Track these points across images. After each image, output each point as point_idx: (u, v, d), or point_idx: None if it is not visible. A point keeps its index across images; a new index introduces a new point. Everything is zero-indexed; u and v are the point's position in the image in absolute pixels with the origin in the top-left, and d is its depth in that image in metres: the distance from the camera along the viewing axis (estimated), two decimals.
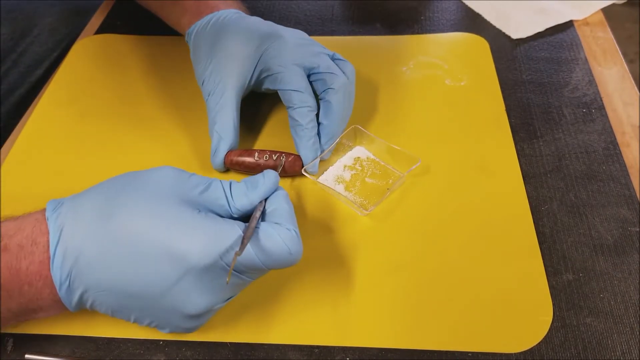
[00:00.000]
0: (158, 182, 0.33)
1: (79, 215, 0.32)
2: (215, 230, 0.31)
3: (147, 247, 0.30)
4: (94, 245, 0.31)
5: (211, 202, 0.33)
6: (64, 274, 0.31)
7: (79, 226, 0.31)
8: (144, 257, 0.30)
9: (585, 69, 0.54)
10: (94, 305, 0.33)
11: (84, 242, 0.31)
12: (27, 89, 0.61)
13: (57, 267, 0.31)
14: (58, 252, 0.31)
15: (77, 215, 0.32)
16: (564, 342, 0.36)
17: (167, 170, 0.34)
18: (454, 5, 0.63)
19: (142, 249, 0.30)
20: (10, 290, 0.32)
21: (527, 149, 0.47)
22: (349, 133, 0.46)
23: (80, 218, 0.32)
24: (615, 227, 0.42)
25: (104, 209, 0.32)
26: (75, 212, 0.32)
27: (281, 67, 0.45)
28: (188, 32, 0.50)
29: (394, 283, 0.39)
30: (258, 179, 0.35)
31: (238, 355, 0.36)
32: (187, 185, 0.33)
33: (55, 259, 0.31)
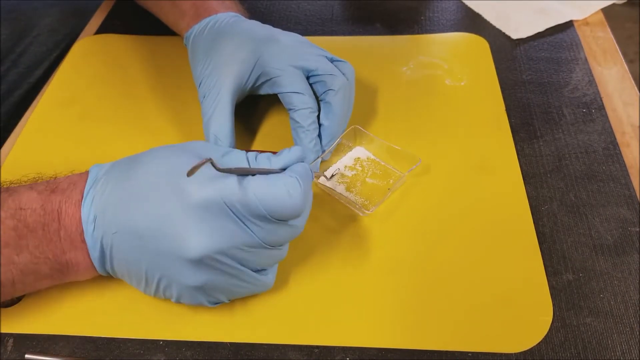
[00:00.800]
0: (185, 145, 0.36)
1: (113, 167, 0.36)
2: (216, 174, 0.32)
3: (152, 182, 0.33)
4: (116, 186, 0.34)
5: (233, 164, 0.34)
6: (91, 214, 0.34)
7: (110, 174, 0.35)
8: (149, 192, 0.33)
9: (585, 69, 0.54)
10: (113, 257, 0.34)
11: (109, 184, 0.34)
12: (26, 89, 0.61)
13: (86, 206, 0.34)
14: (89, 194, 0.34)
15: (112, 167, 0.36)
16: (564, 342, 0.36)
17: (197, 141, 0.37)
18: (454, 5, 0.63)
19: (149, 184, 0.33)
20: (51, 232, 0.34)
21: (527, 149, 0.47)
22: (349, 133, 0.46)
23: (112, 169, 0.35)
24: (615, 227, 0.42)
25: (132, 159, 0.35)
26: (111, 165, 0.36)
27: (280, 71, 0.45)
28: (186, 35, 0.50)
29: (394, 283, 0.39)
30: (284, 150, 0.36)
31: (238, 355, 0.36)
32: (211, 149, 0.35)
33: (86, 199, 0.34)
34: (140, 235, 0.33)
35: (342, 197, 0.44)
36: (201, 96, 0.45)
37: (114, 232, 0.33)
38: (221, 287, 0.35)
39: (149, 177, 0.33)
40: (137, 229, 0.33)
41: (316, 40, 0.49)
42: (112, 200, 0.33)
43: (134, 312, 0.38)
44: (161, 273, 0.34)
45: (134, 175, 0.34)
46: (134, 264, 0.34)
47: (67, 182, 0.35)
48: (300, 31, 0.50)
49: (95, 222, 0.34)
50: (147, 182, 0.33)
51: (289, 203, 0.32)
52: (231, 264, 0.33)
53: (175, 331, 0.37)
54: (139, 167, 0.34)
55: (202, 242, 0.32)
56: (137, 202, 0.33)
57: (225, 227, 0.32)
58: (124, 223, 0.33)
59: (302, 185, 0.33)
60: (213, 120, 0.44)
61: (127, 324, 0.38)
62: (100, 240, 0.34)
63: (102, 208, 0.33)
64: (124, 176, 0.34)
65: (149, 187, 0.33)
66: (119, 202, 0.33)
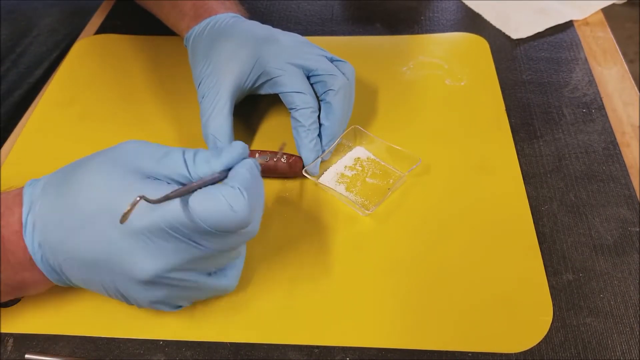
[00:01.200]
0: (116, 153, 0.33)
1: (47, 188, 0.34)
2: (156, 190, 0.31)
3: (90, 210, 0.32)
4: (53, 212, 0.33)
5: (170, 170, 0.32)
6: (35, 243, 0.33)
7: (46, 196, 0.33)
8: (89, 220, 0.31)
9: (585, 69, 0.54)
10: (68, 276, 0.34)
11: (47, 209, 0.33)
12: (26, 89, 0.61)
13: (28, 235, 0.33)
14: (29, 222, 0.33)
15: (46, 188, 0.34)
16: (564, 342, 0.36)
17: (129, 143, 0.34)
18: (454, 5, 0.63)
19: (87, 212, 0.32)
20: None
21: (527, 149, 0.47)
22: (349, 133, 0.46)
23: (46, 191, 0.34)
24: (615, 227, 0.42)
25: (65, 179, 0.34)
26: (45, 185, 0.34)
27: (280, 71, 0.45)
28: (186, 36, 0.50)
29: (394, 283, 0.39)
30: (224, 147, 0.34)
31: (238, 355, 0.36)
32: (146, 155, 0.33)
33: (26, 229, 0.33)
34: (88, 263, 0.32)
35: (342, 197, 0.44)
36: (200, 96, 0.45)
37: (63, 258, 0.33)
38: (178, 297, 0.34)
39: (85, 205, 0.32)
40: (84, 258, 0.32)
41: (316, 40, 0.49)
42: (53, 228, 0.32)
43: (134, 312, 0.38)
44: (118, 290, 0.33)
45: (69, 201, 0.32)
46: (90, 283, 0.34)
47: (4, 206, 0.34)
48: (300, 31, 0.50)
49: (42, 248, 0.33)
50: (84, 210, 0.32)
51: (233, 218, 0.30)
52: (184, 277, 0.32)
53: (175, 331, 0.37)
54: (73, 191, 0.32)
55: (149, 265, 0.31)
56: (78, 230, 0.32)
57: (171, 246, 0.31)
58: (70, 251, 0.32)
59: (246, 196, 0.31)
60: (212, 121, 0.44)
61: (127, 324, 0.38)
62: (53, 264, 0.33)
63: (44, 236, 0.33)
64: (60, 200, 0.33)
65: (87, 215, 0.31)
66: (59, 230, 0.32)
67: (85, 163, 0.34)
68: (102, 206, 0.31)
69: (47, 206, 0.33)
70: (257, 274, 0.40)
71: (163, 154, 0.33)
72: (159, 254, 0.31)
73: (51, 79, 0.57)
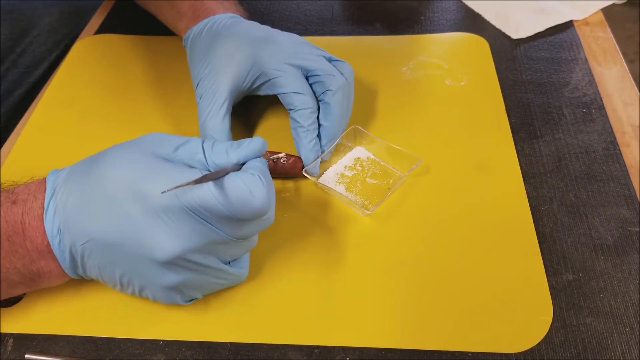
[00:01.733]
0: (139, 141, 0.35)
1: (69, 175, 0.35)
2: (175, 172, 0.32)
3: (113, 190, 0.32)
4: (76, 196, 0.33)
5: (188, 157, 0.34)
6: (55, 227, 0.33)
7: (69, 183, 0.34)
8: (112, 200, 0.32)
9: (585, 69, 0.54)
10: (84, 262, 0.34)
11: (70, 195, 0.33)
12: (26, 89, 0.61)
13: (49, 220, 0.33)
14: (50, 206, 0.34)
15: (68, 175, 0.35)
16: (564, 342, 0.36)
17: (150, 134, 0.36)
18: (454, 5, 0.63)
19: (110, 193, 0.32)
20: (16, 244, 0.33)
21: (527, 149, 0.47)
22: (349, 133, 0.46)
23: (69, 178, 0.34)
24: (615, 227, 0.42)
25: (88, 166, 0.34)
26: (67, 173, 0.35)
27: (279, 71, 0.45)
28: (185, 37, 0.50)
29: (394, 283, 0.39)
30: (244, 141, 0.35)
31: (238, 355, 0.36)
32: (166, 142, 0.34)
33: (47, 213, 0.34)
34: (108, 244, 0.32)
35: (342, 197, 0.44)
36: (198, 97, 0.45)
37: (82, 243, 0.33)
38: (195, 284, 0.35)
39: (109, 185, 0.32)
40: (104, 238, 0.32)
41: (316, 40, 0.49)
42: (75, 211, 0.33)
43: (134, 312, 0.38)
44: (135, 276, 0.34)
45: (93, 184, 0.33)
46: (106, 270, 0.34)
47: (26, 192, 0.35)
48: (300, 31, 0.50)
49: (61, 234, 0.33)
50: (107, 190, 0.32)
51: (252, 203, 0.32)
52: (202, 262, 0.33)
53: (175, 331, 0.37)
54: (97, 175, 0.33)
55: (170, 245, 0.32)
56: (101, 212, 0.32)
57: (191, 228, 0.32)
58: (90, 233, 0.33)
59: (265, 183, 0.32)
60: (209, 121, 0.44)
61: (127, 324, 0.38)
62: (69, 250, 0.34)
63: (65, 219, 0.33)
64: (84, 185, 0.33)
65: (111, 195, 0.32)
66: (82, 213, 0.33)
67: (108, 151, 0.35)
68: (126, 187, 0.32)
69: (70, 190, 0.34)
70: (257, 274, 0.40)
71: (183, 141, 0.34)
72: (180, 235, 0.32)
73: (51, 78, 0.57)
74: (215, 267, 0.34)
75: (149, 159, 0.33)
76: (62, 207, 0.33)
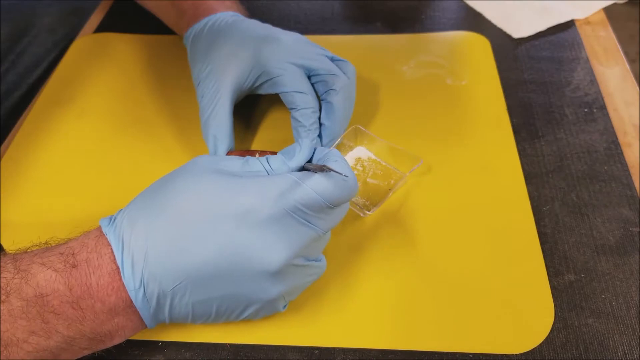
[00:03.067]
0: (194, 165, 0.33)
1: (133, 220, 0.32)
2: (267, 180, 0.32)
3: (203, 216, 0.31)
4: (157, 238, 0.31)
5: (252, 174, 0.33)
6: (137, 280, 0.31)
7: (137, 228, 0.31)
8: (205, 226, 0.31)
9: (587, 68, 0.54)
10: (173, 307, 0.32)
11: (147, 239, 0.31)
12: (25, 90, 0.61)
13: (128, 274, 0.31)
14: (125, 259, 0.31)
15: (132, 220, 0.32)
16: (565, 343, 0.36)
17: (199, 157, 0.34)
18: (455, 4, 0.63)
19: (200, 220, 0.31)
20: (84, 309, 0.31)
21: (528, 149, 0.47)
22: (350, 133, 0.46)
23: (134, 222, 0.32)
24: (617, 228, 0.41)
25: (153, 204, 0.32)
26: (130, 218, 0.32)
27: (281, 70, 0.44)
28: (185, 35, 0.50)
29: (394, 284, 0.39)
30: (294, 149, 0.35)
31: (237, 357, 0.36)
32: (224, 162, 0.34)
33: (124, 267, 0.31)
34: (208, 275, 0.31)
35: None
36: (199, 96, 0.45)
37: (173, 286, 0.31)
38: (296, 289, 0.34)
39: (192, 212, 0.31)
40: (205, 269, 0.31)
41: (316, 39, 0.49)
42: (160, 256, 0.31)
43: None
44: (237, 300, 0.32)
45: (171, 220, 0.31)
46: (200, 305, 0.32)
47: (86, 251, 0.32)
48: (300, 30, 0.50)
49: (144, 285, 0.31)
50: (193, 217, 0.31)
51: (346, 186, 0.32)
52: (303, 263, 0.33)
53: (174, 332, 0.37)
54: (173, 209, 0.31)
55: (279, 253, 0.31)
56: (196, 241, 0.30)
57: (294, 231, 0.31)
58: (187, 269, 0.31)
59: (346, 165, 0.33)
60: (211, 120, 0.44)
61: None
62: (156, 298, 0.31)
63: (149, 268, 0.31)
64: (159, 225, 0.31)
65: (200, 221, 0.31)
66: (169, 255, 0.31)
67: (171, 181, 0.33)
68: (218, 207, 0.31)
69: (143, 236, 0.31)
70: None
71: (243, 161, 0.34)
72: (286, 240, 0.31)
73: (50, 77, 0.56)
74: (309, 266, 0.34)
75: (225, 177, 0.32)
76: (142, 256, 0.31)
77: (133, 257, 0.31)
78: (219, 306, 0.33)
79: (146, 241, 0.31)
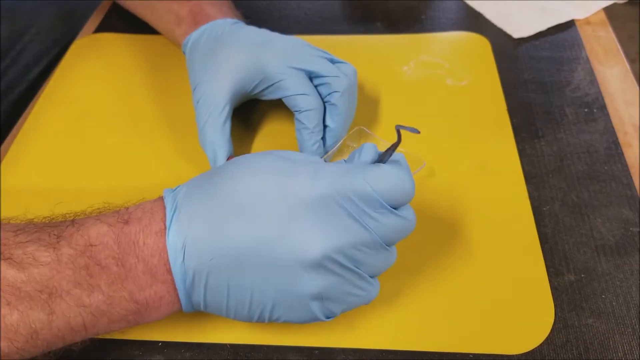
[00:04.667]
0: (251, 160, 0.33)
1: (192, 189, 0.33)
2: (319, 165, 0.31)
3: (252, 192, 0.31)
4: (205, 207, 0.31)
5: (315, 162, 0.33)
6: (179, 243, 0.30)
7: (192, 198, 0.32)
8: (251, 202, 0.30)
9: (587, 68, 0.54)
10: (209, 286, 0.31)
11: (196, 209, 0.31)
12: (25, 87, 0.61)
13: (172, 234, 0.31)
14: (174, 220, 0.31)
15: (189, 190, 0.33)
16: (565, 343, 0.36)
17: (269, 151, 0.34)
18: (455, 4, 0.63)
19: (249, 195, 0.31)
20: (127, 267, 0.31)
21: (528, 149, 0.47)
22: (354, 134, 0.46)
23: (192, 191, 0.32)
24: (617, 228, 0.41)
25: (213, 176, 0.33)
26: (188, 188, 0.33)
27: (282, 75, 0.44)
28: (184, 43, 0.49)
29: (395, 284, 0.39)
30: (356, 152, 0.34)
31: (237, 357, 0.36)
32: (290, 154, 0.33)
33: (171, 227, 0.31)
34: (246, 254, 0.30)
35: None
36: (195, 101, 0.45)
37: (210, 258, 0.30)
38: (337, 293, 0.31)
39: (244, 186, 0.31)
40: (242, 248, 0.30)
41: (316, 39, 0.49)
42: (206, 222, 0.31)
43: None
44: (271, 290, 0.31)
45: (224, 188, 0.31)
46: (235, 289, 0.31)
47: (141, 210, 0.32)
48: (300, 30, 0.50)
49: (185, 249, 0.30)
50: (243, 192, 0.31)
51: (402, 187, 0.31)
52: (349, 266, 0.31)
53: (174, 332, 0.37)
54: (228, 179, 0.32)
55: (322, 241, 0.29)
56: (238, 216, 0.30)
57: (342, 224, 0.30)
58: (225, 244, 0.30)
59: (406, 167, 0.33)
60: (208, 127, 0.43)
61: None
62: (193, 269, 0.31)
63: (193, 233, 0.30)
64: (212, 192, 0.31)
65: (248, 196, 0.30)
66: (214, 222, 0.30)
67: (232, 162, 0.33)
68: (267, 185, 0.31)
69: (196, 205, 0.31)
70: None
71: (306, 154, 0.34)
72: (329, 230, 0.30)
73: (50, 77, 0.56)
74: (359, 274, 0.32)
75: (283, 160, 0.32)
76: (188, 222, 0.31)
77: (181, 222, 0.31)
78: (252, 294, 0.31)
79: (195, 211, 0.31)
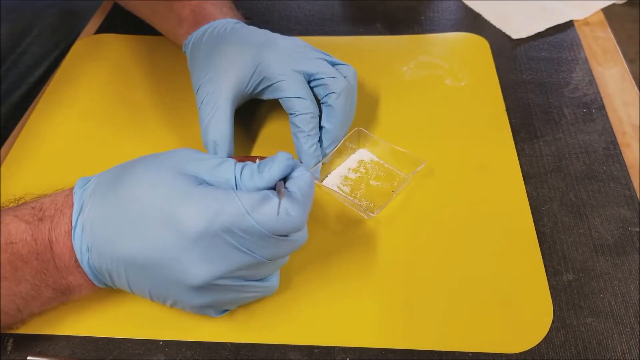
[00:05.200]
0: (169, 158, 0.34)
1: (97, 188, 0.34)
2: (209, 198, 0.31)
3: (143, 212, 0.32)
4: (103, 215, 0.33)
5: (222, 180, 0.33)
6: (83, 245, 0.33)
7: (95, 198, 0.33)
8: (143, 223, 0.32)
9: (586, 69, 0.54)
10: (113, 279, 0.34)
11: (97, 212, 0.33)
12: (26, 89, 0.61)
13: (77, 237, 0.33)
14: (78, 223, 0.33)
15: (96, 188, 0.34)
16: (564, 342, 0.36)
17: (183, 149, 0.35)
18: (454, 5, 0.63)
19: (139, 215, 0.32)
20: (45, 262, 0.33)
21: (527, 149, 0.47)
22: (353, 135, 0.46)
23: (97, 190, 0.34)
24: (616, 227, 0.42)
25: (117, 181, 0.34)
26: (95, 187, 0.34)
27: (281, 76, 0.44)
28: (185, 42, 0.50)
29: (395, 284, 0.39)
30: (267, 164, 0.34)
31: (238, 356, 0.36)
32: (201, 162, 0.34)
33: (75, 230, 0.33)
34: (138, 266, 0.32)
35: (346, 200, 0.44)
36: (199, 102, 0.45)
37: (111, 262, 0.33)
38: (226, 302, 0.35)
39: (138, 207, 0.32)
40: (134, 261, 0.32)
41: (316, 40, 0.49)
42: (103, 231, 0.32)
43: (134, 312, 0.38)
44: (166, 295, 0.34)
45: (120, 203, 0.32)
46: (136, 288, 0.34)
47: (53, 207, 0.34)
48: (300, 31, 0.50)
49: (90, 252, 0.33)
50: (136, 212, 0.32)
51: (288, 221, 0.31)
52: (234, 283, 0.33)
53: (175, 331, 0.37)
54: (125, 194, 0.33)
55: (203, 271, 0.31)
56: (129, 234, 0.32)
57: (224, 253, 0.31)
58: (120, 255, 0.32)
59: (302, 200, 0.32)
60: (211, 126, 0.43)
61: (127, 324, 0.38)
62: (98, 268, 0.33)
63: (93, 239, 0.33)
64: (110, 203, 0.33)
65: (140, 218, 0.32)
66: (109, 233, 0.32)
67: (136, 166, 0.34)
68: (157, 210, 0.31)
69: (97, 207, 0.33)
70: None
71: (217, 163, 0.33)
72: (212, 261, 0.31)
73: (51, 78, 0.56)
74: (245, 285, 0.34)
75: (182, 181, 0.32)
76: (90, 225, 0.33)
77: (84, 225, 0.33)
78: (151, 293, 0.34)
79: (96, 215, 0.33)
